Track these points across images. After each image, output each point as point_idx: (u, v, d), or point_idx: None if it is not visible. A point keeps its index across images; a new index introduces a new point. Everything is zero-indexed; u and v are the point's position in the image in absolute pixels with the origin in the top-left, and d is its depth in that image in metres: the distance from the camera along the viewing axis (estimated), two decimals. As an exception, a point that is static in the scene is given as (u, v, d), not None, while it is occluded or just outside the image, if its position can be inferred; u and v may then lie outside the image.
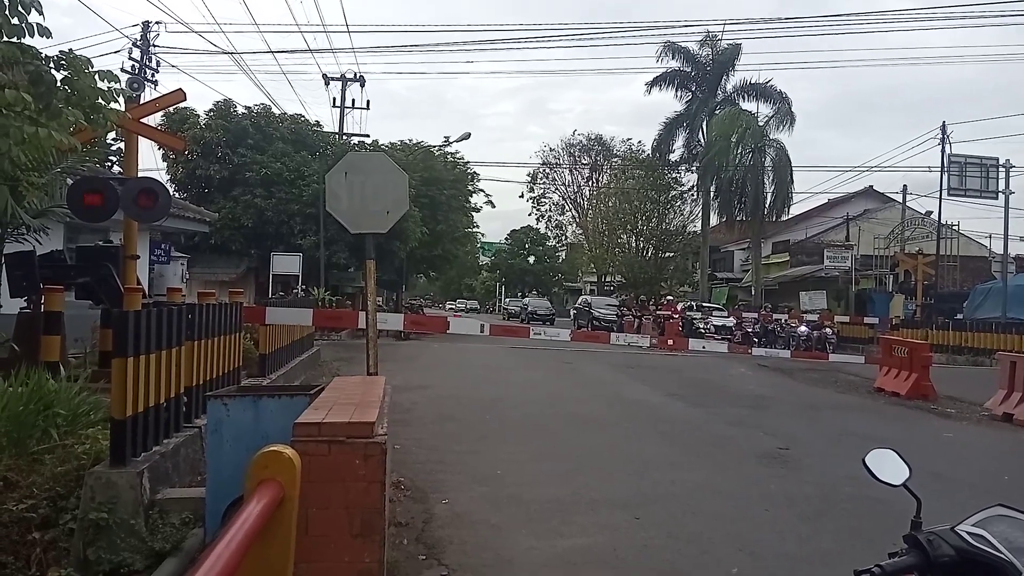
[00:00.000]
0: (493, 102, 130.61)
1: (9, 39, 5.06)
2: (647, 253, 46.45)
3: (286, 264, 23.87)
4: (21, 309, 8.75)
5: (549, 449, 8.13)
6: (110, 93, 5.87)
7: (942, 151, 30.23)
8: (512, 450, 7.96)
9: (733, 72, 38.51)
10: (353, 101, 29.96)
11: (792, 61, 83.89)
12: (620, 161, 52.81)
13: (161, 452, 5.19)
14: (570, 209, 61.18)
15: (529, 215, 64.58)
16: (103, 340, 8.35)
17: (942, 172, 30.08)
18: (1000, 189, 28.70)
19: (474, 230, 45.91)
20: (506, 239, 69.46)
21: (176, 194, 24.80)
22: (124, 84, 7.49)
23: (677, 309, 32.42)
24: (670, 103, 57.70)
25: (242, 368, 8.20)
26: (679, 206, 45.39)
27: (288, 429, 3.74)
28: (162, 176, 24.52)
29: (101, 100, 5.80)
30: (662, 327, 28.50)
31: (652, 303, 35.83)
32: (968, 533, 1.71)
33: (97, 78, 5.62)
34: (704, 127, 38.95)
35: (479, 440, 8.45)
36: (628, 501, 6.11)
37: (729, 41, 37.63)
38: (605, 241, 47.92)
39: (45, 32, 5.16)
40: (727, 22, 68.22)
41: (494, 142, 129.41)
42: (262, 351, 10.47)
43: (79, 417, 5.42)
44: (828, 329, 25.22)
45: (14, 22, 4.96)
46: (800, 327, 25.20)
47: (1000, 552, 1.64)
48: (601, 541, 5.15)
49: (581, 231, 57.51)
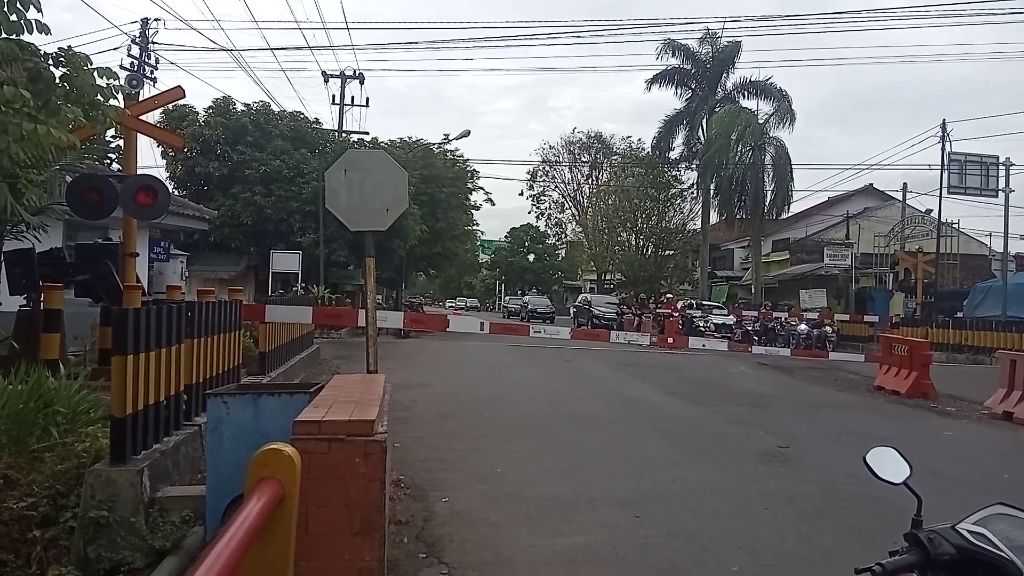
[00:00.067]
0: (493, 99, 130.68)
1: (8, 36, 5.06)
2: (647, 251, 46.48)
3: (285, 262, 23.87)
4: (20, 307, 8.75)
5: (549, 447, 8.13)
6: (109, 90, 5.87)
7: (942, 149, 30.25)
8: (512, 448, 7.96)
9: (733, 69, 38.59)
10: (352, 98, 29.92)
11: (792, 59, 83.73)
12: (620, 159, 52.81)
13: (161, 450, 5.20)
14: (570, 207, 61.24)
15: (529, 213, 64.62)
16: (103, 338, 8.34)
17: (942, 170, 30.07)
18: (1000, 187, 28.71)
19: (474, 228, 45.84)
20: (506, 237, 69.43)
21: (175, 192, 24.79)
22: (123, 81, 7.48)
23: (677, 307, 32.44)
24: (670, 101, 57.89)
25: (242, 366, 8.21)
26: (679, 204, 45.52)
27: (288, 427, 3.74)
28: (161, 173, 24.49)
29: (100, 97, 5.80)
30: (662, 325, 28.52)
31: (652, 301, 35.83)
32: (969, 531, 1.71)
33: (96, 75, 5.62)
34: (704, 125, 38.92)
35: (479, 438, 8.45)
36: (628, 499, 6.11)
37: (729, 39, 37.71)
38: (605, 239, 47.94)
39: (44, 29, 5.16)
40: (727, 19, 68.22)
41: (494, 140, 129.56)
42: (262, 349, 10.47)
43: (79, 415, 5.43)
44: (828, 327, 25.21)
45: (13, 19, 4.96)
46: (800, 325, 25.18)
47: (1001, 551, 1.64)
48: (601, 539, 5.15)
49: (581, 229, 57.51)
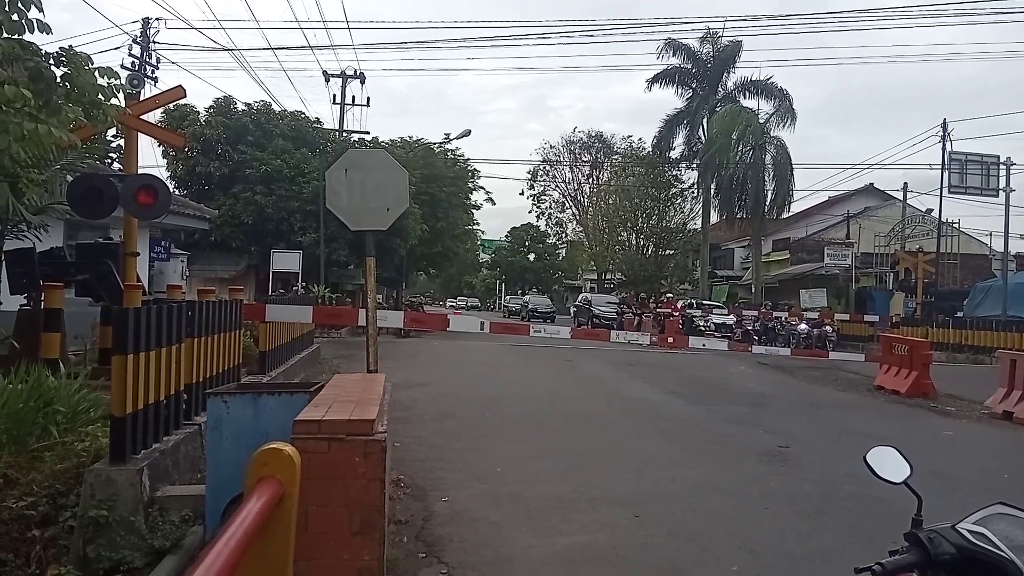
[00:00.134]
0: (493, 99, 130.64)
1: (9, 35, 5.06)
2: (647, 251, 46.49)
3: (286, 261, 23.87)
4: (21, 306, 8.75)
5: (549, 447, 8.13)
6: (110, 90, 5.86)
7: (943, 149, 30.23)
8: (512, 448, 7.96)
9: (734, 69, 38.55)
10: (353, 98, 29.91)
11: (792, 58, 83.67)
12: (620, 158, 52.83)
13: (161, 449, 5.20)
14: (570, 206, 61.25)
15: (529, 212, 64.69)
16: (103, 337, 8.35)
17: (943, 170, 30.05)
18: (1001, 187, 28.70)
19: (474, 227, 45.80)
20: (506, 236, 69.41)
21: (176, 191, 24.80)
22: (124, 81, 7.47)
23: (677, 307, 32.45)
24: (671, 100, 57.97)
25: (242, 365, 8.21)
26: (679, 204, 45.53)
27: (288, 426, 3.74)
28: (162, 173, 24.50)
29: (101, 97, 5.79)
30: (662, 325, 28.52)
31: (652, 301, 35.85)
32: (969, 531, 1.71)
33: (97, 75, 5.61)
34: (705, 124, 38.88)
35: (479, 438, 8.45)
36: (628, 499, 6.11)
37: (730, 38, 37.70)
38: (605, 239, 47.95)
39: (45, 28, 5.15)
40: (728, 19, 68.12)
41: (494, 139, 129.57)
42: (262, 348, 10.47)
43: (79, 414, 5.43)
44: (828, 327, 25.22)
45: (14, 18, 4.96)
46: (800, 325, 25.19)
47: (1001, 550, 1.64)
48: (601, 539, 5.15)
49: (581, 228, 57.50)
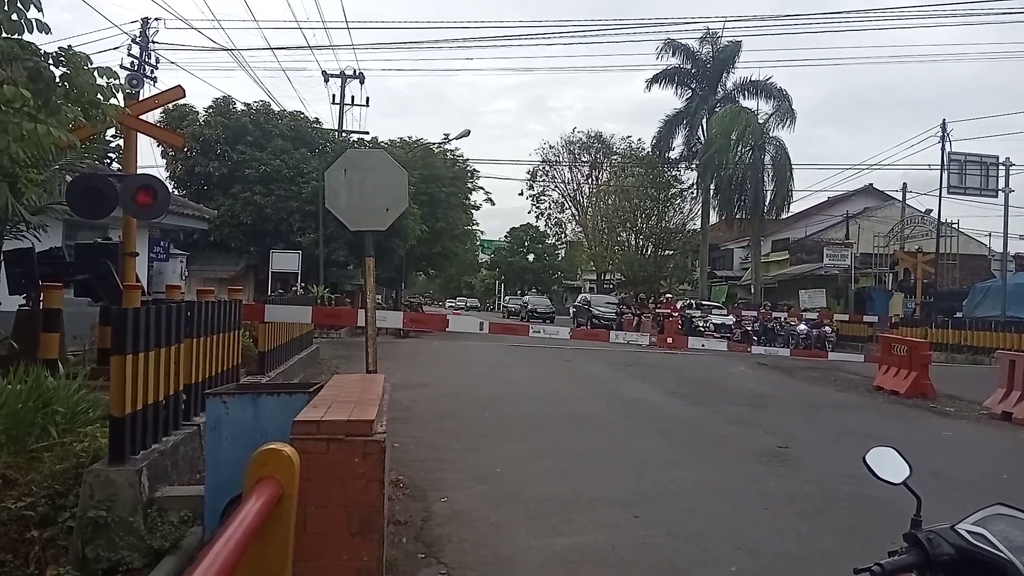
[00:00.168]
0: (493, 99, 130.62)
1: (8, 35, 5.06)
2: (647, 251, 46.49)
3: (285, 261, 23.87)
4: (20, 306, 8.75)
5: (548, 447, 8.13)
6: (109, 89, 5.86)
7: (942, 149, 30.22)
8: (511, 448, 7.96)
9: (733, 69, 38.57)
10: (352, 98, 29.91)
11: (792, 59, 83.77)
12: (620, 159, 52.84)
13: (160, 450, 5.19)
14: (570, 207, 61.30)
15: (529, 213, 64.70)
16: (102, 337, 8.34)
17: (942, 170, 30.05)
18: (1000, 187, 28.68)
19: (474, 228, 45.81)
20: (506, 237, 69.43)
21: (175, 191, 24.78)
22: (123, 81, 7.46)
23: (676, 307, 32.44)
24: (670, 100, 57.96)
25: (241, 366, 8.20)
26: (679, 204, 45.54)
27: (287, 427, 3.74)
28: (161, 173, 24.48)
29: (100, 96, 5.80)
30: (661, 325, 28.50)
31: (651, 301, 35.83)
32: (968, 532, 1.71)
33: (96, 75, 5.61)
34: (704, 124, 38.90)
35: (478, 438, 8.44)
36: (627, 499, 6.11)
37: (729, 38, 37.71)
38: (605, 239, 47.97)
39: (44, 28, 5.15)
40: (727, 19, 68.18)
41: (494, 139, 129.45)
42: (261, 349, 10.47)
43: (78, 415, 5.42)
44: (827, 327, 25.22)
45: (13, 18, 4.96)
46: (799, 325, 25.19)
47: (1000, 551, 1.64)
48: (600, 539, 5.15)
49: (581, 229, 57.54)
